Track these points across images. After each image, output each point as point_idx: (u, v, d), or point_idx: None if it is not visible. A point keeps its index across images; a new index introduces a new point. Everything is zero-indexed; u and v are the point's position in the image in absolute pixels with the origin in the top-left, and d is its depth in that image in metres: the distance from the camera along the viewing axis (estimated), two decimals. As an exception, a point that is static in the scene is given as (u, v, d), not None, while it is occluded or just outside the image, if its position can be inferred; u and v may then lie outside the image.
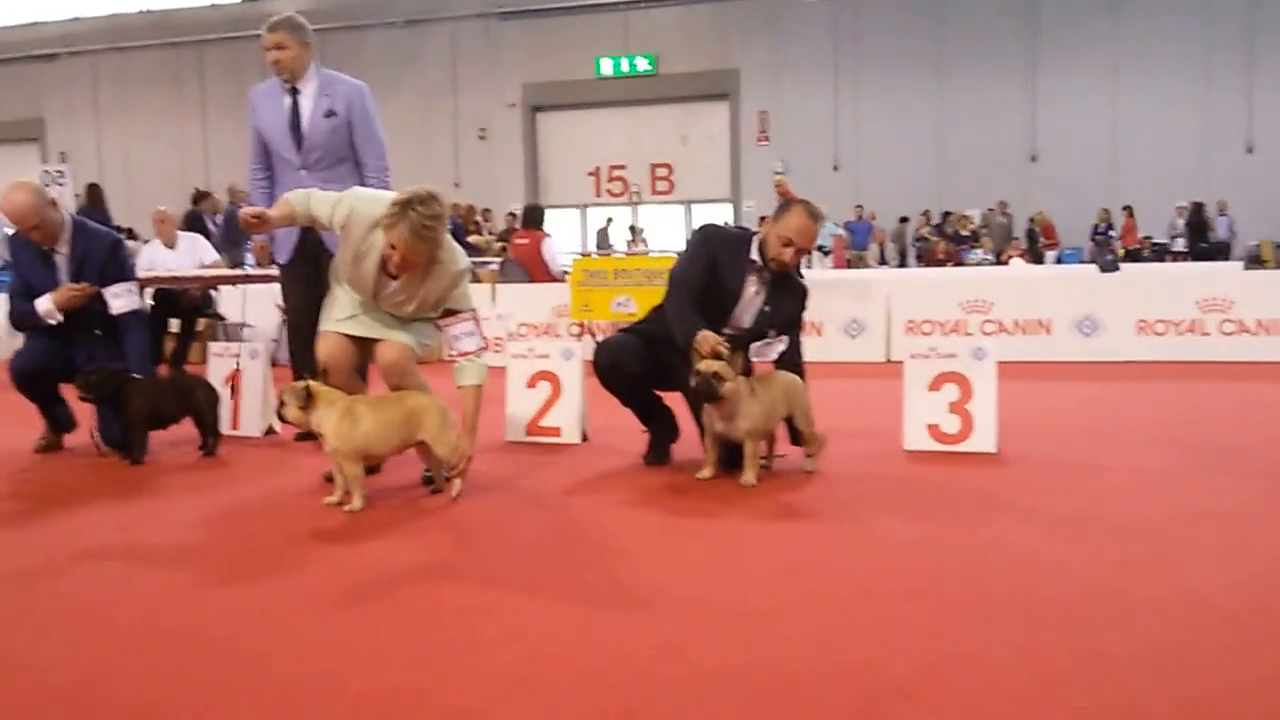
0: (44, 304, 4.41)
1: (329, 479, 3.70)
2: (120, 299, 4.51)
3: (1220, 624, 2.27)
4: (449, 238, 3.60)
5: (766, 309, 3.96)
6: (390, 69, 23.42)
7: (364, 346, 3.78)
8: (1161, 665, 2.05)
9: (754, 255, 3.94)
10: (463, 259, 3.69)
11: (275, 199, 4.48)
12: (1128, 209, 18.73)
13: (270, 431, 5.04)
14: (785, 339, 3.97)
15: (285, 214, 3.66)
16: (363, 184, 4.57)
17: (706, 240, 4.04)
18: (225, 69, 24.18)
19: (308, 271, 4.54)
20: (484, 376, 3.71)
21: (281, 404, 3.51)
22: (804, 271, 4.34)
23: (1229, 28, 19.22)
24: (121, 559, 2.98)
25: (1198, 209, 17.99)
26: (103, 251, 4.54)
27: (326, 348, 3.74)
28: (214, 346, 5.48)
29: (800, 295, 4.04)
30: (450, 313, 3.72)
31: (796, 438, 4.00)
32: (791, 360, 4.00)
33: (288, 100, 4.50)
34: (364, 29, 23.61)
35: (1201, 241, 17.67)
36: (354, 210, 3.56)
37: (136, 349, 4.52)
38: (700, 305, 3.87)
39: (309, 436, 4.72)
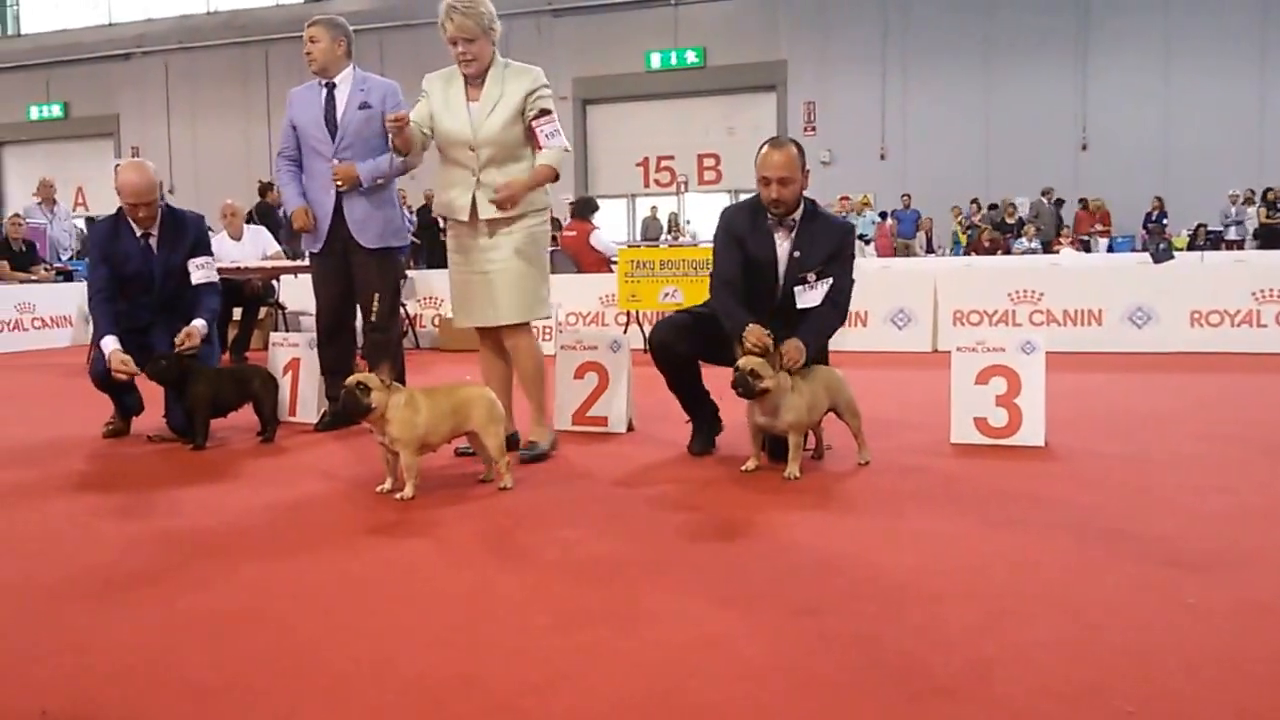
0: (108, 348, 4.45)
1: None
2: (201, 270, 4.73)
3: (1271, 630, 2.17)
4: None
5: (796, 254, 3.85)
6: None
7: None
8: (1213, 672, 1.97)
9: (769, 214, 3.87)
10: (535, 68, 4.08)
11: (302, 186, 4.80)
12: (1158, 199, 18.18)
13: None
14: (827, 280, 3.83)
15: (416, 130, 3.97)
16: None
17: (727, 225, 4.00)
18: (289, 66, 24.50)
19: (335, 264, 4.78)
20: (560, 160, 4.02)
21: (366, 390, 3.40)
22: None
23: (1284, 13, 18.56)
24: (182, 542, 3.02)
25: (1264, 194, 17.24)
26: (190, 231, 4.76)
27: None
28: (274, 336, 5.54)
29: (836, 233, 3.91)
30: (542, 113, 3.99)
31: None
32: (834, 301, 3.84)
33: (323, 94, 4.73)
34: (421, 27, 23.74)
35: (1271, 214, 16.87)
36: (426, 86, 4.13)
37: (209, 311, 4.67)
38: (749, 291, 3.84)
39: (329, 427, 4.81)
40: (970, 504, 3.30)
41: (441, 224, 5.73)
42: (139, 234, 4.62)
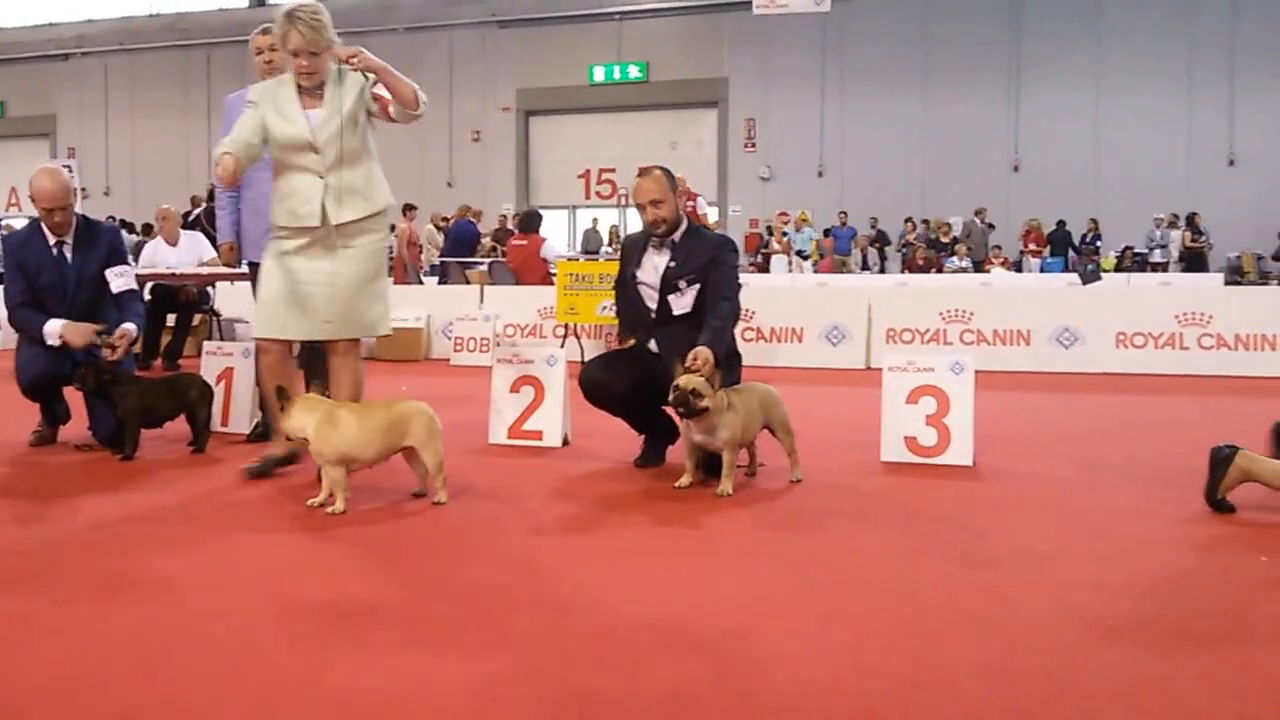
0: (53, 330, 4.37)
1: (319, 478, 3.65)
2: (121, 278, 4.64)
3: (1198, 651, 2.21)
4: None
5: (672, 265, 4.05)
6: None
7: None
8: (1136, 694, 1.99)
9: (654, 236, 4.12)
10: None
11: (238, 214, 4.75)
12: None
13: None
14: (695, 286, 4.02)
15: (235, 161, 3.63)
16: None
17: (621, 252, 4.39)
18: (232, 71, 24.03)
19: None
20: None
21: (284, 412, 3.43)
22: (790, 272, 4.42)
23: (1210, 42, 19.24)
24: (108, 555, 2.90)
25: (1189, 218, 17.82)
26: (105, 240, 4.66)
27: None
28: (207, 345, 5.40)
29: (712, 246, 4.11)
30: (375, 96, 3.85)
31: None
32: (724, 297, 3.95)
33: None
34: (366, 35, 23.51)
35: (1195, 238, 17.44)
36: (255, 98, 3.80)
37: (137, 316, 4.61)
38: (639, 306, 4.16)
39: (261, 438, 4.68)
40: (898, 524, 3.32)
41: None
42: (53, 243, 4.52)
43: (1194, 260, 17.14)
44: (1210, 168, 19.23)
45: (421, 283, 13.21)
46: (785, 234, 19.11)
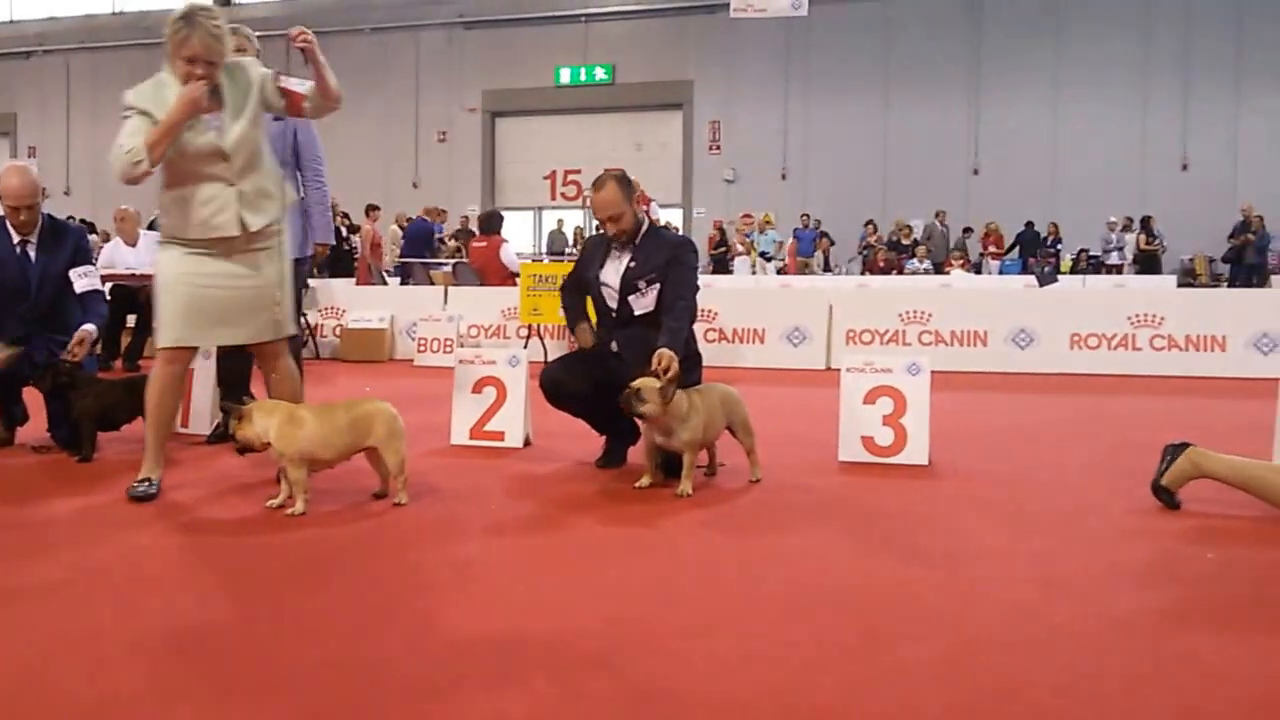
0: None
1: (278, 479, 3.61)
2: (85, 279, 4.58)
3: (1142, 645, 2.25)
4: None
5: (632, 265, 4.06)
6: (356, 74, 23.16)
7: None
8: (1081, 687, 2.02)
9: (614, 242, 4.14)
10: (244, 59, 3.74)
11: None
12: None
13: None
14: (655, 286, 4.02)
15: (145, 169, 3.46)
16: (302, 184, 4.66)
17: (580, 253, 4.47)
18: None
19: None
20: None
21: (237, 419, 3.38)
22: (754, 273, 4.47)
23: (1165, 50, 19.59)
24: (58, 554, 2.84)
25: (1144, 221, 18.14)
26: (70, 240, 4.60)
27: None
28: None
29: (671, 246, 4.12)
30: (277, 76, 3.71)
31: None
32: (681, 296, 3.96)
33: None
34: (332, 35, 23.30)
35: (1150, 240, 17.77)
36: (139, 103, 3.48)
37: (98, 317, 4.57)
38: (596, 306, 4.20)
39: (221, 439, 4.60)
40: (854, 523, 3.35)
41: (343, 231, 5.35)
42: (16, 241, 4.45)
43: (1148, 263, 17.44)
44: (1164, 172, 19.58)
45: (385, 283, 13.11)
46: (748, 235, 19.20)
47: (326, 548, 3.04)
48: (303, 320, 8.62)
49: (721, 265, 18.94)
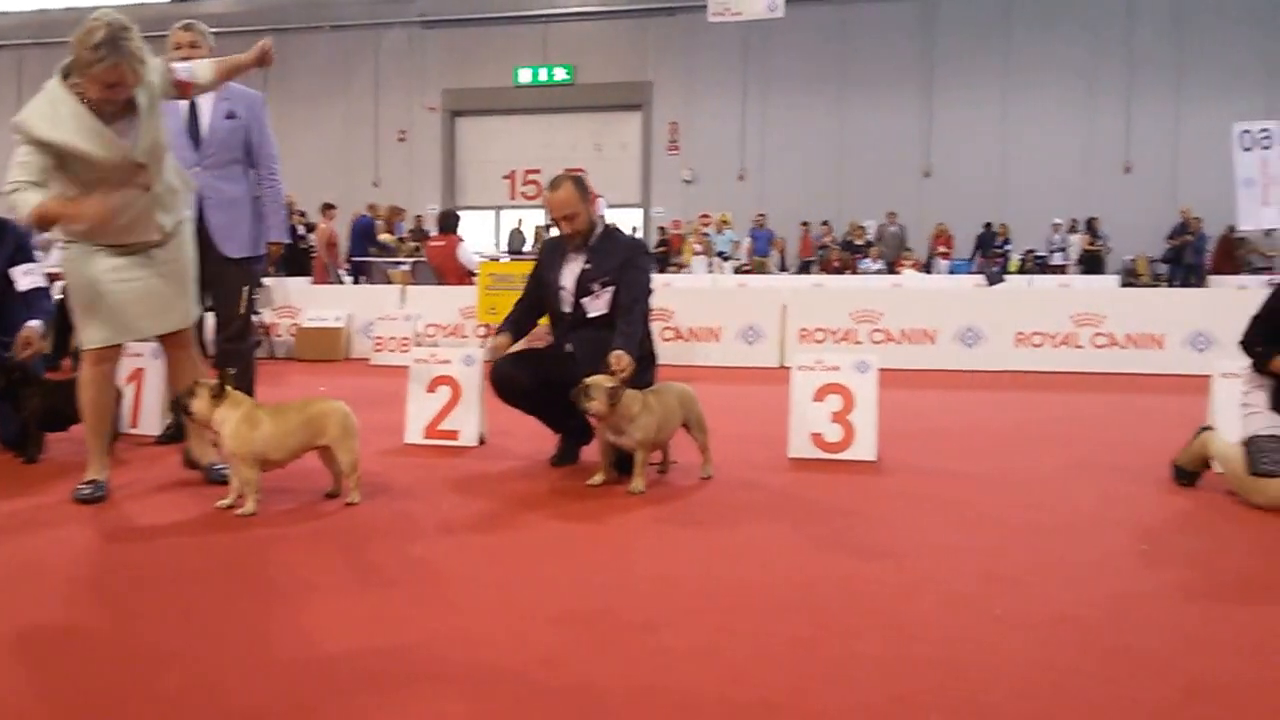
0: None
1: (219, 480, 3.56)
2: (28, 276, 4.48)
3: (1075, 637, 2.29)
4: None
5: (587, 267, 4.05)
6: (315, 72, 22.96)
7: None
8: (1015, 678, 2.05)
9: (569, 242, 4.14)
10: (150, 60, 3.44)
11: None
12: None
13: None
14: (610, 289, 4.02)
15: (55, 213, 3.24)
16: (258, 184, 4.57)
17: (539, 256, 4.40)
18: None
19: None
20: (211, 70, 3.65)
21: (191, 394, 3.34)
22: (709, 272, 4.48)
23: (1109, 59, 19.96)
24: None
25: (1088, 223, 18.51)
26: (10, 238, 4.50)
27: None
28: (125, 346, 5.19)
29: (625, 248, 4.13)
30: (170, 70, 3.52)
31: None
32: (635, 299, 3.98)
33: (183, 103, 4.34)
34: (291, 32, 23.01)
35: (1093, 241, 18.14)
36: (35, 131, 3.22)
37: (44, 313, 4.48)
38: (535, 306, 4.27)
39: (172, 439, 4.53)
40: (803, 518, 3.37)
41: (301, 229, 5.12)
42: None
43: (1092, 263, 17.77)
44: (1108, 175, 19.95)
45: (342, 282, 12.96)
46: (706, 234, 19.25)
47: (277, 548, 2.99)
48: (258, 319, 8.51)
49: (661, 263, 18.93)
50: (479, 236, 20.20)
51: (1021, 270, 17.80)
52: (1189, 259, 17.04)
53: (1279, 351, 3.54)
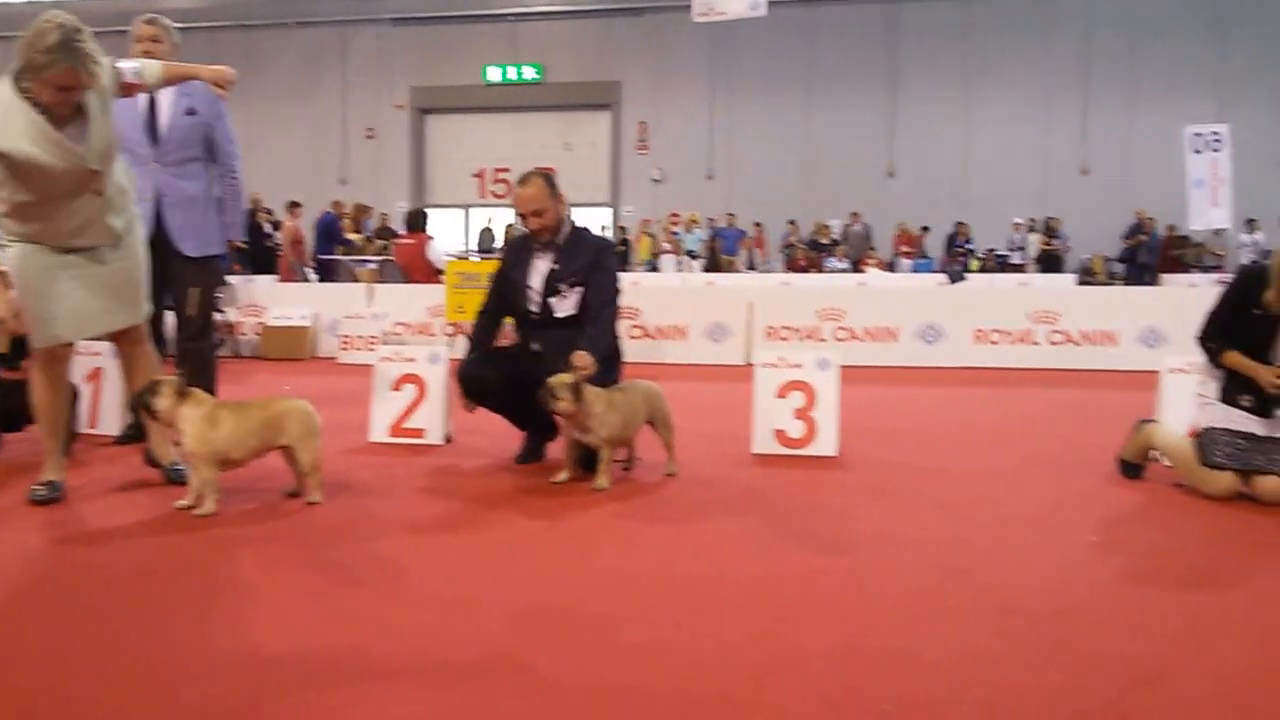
0: None
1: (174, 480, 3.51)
2: None
3: (1024, 628, 2.32)
4: None
5: (555, 268, 4.03)
6: (279, 67, 22.69)
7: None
8: (967, 668, 2.08)
9: (536, 240, 4.09)
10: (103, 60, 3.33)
11: None
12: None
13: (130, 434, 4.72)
14: (578, 289, 4.01)
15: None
16: (217, 181, 4.49)
17: (503, 255, 4.40)
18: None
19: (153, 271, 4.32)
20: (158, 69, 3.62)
21: (155, 393, 3.29)
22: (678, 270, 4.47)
23: (1067, 62, 20.25)
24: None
25: (1046, 223, 18.79)
26: None
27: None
28: (77, 344, 5.10)
29: (594, 248, 4.10)
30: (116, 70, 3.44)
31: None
32: (604, 302, 3.97)
33: (143, 97, 4.27)
34: (255, 28, 22.75)
35: (1052, 239, 18.42)
36: None
37: None
38: (501, 309, 4.22)
39: (131, 439, 4.47)
40: (764, 514, 3.38)
41: (268, 228, 5.10)
42: None
43: (1050, 262, 18.03)
44: (1065, 176, 20.24)
45: (308, 280, 12.83)
46: (675, 233, 19.29)
47: (237, 547, 2.96)
48: (220, 318, 8.40)
49: (621, 260, 18.93)
50: (448, 235, 20.10)
51: (983, 269, 18.00)
52: (1143, 258, 17.33)
53: (1230, 347, 3.61)
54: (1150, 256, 17.25)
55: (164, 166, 4.32)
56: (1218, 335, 3.66)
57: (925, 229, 19.52)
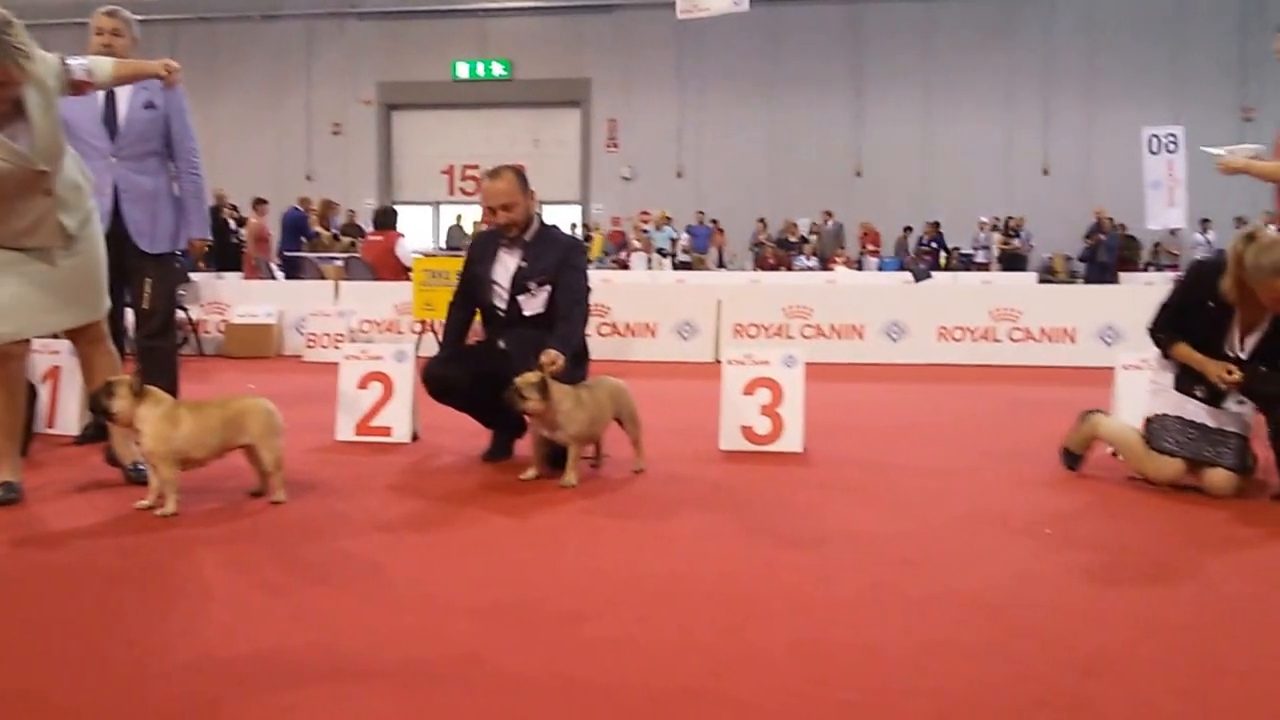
0: None
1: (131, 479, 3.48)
2: None
3: (983, 619, 2.36)
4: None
5: (523, 265, 4.02)
6: (244, 62, 22.43)
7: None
8: (926, 659, 2.12)
9: (503, 236, 4.07)
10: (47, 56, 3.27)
11: None
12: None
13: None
14: (546, 288, 3.99)
15: None
16: (176, 175, 4.42)
17: (469, 250, 4.37)
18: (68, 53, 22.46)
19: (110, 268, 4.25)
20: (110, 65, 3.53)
21: (111, 394, 3.24)
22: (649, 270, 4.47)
23: (1027, 64, 20.54)
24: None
25: (1005, 222, 19.08)
26: None
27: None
28: (34, 343, 5.01)
29: (563, 246, 4.09)
30: (65, 68, 3.36)
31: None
32: (575, 302, 3.96)
33: (100, 90, 4.20)
34: (218, 21, 22.45)
35: (1010, 238, 18.70)
36: None
37: None
38: (470, 305, 4.20)
39: (91, 439, 4.41)
40: (730, 509, 3.41)
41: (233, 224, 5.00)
42: None
43: (1012, 260, 18.31)
44: (1027, 176, 20.53)
45: (275, 277, 12.70)
46: (646, 231, 19.33)
47: (199, 548, 2.93)
48: (184, 316, 8.30)
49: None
50: (417, 232, 19.97)
51: (948, 268, 18.21)
52: (1102, 257, 17.62)
53: (1180, 339, 3.66)
54: (1109, 255, 17.54)
55: (122, 161, 4.24)
56: (1168, 327, 3.71)
57: (908, 229, 19.72)
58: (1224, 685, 2.02)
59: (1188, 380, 3.69)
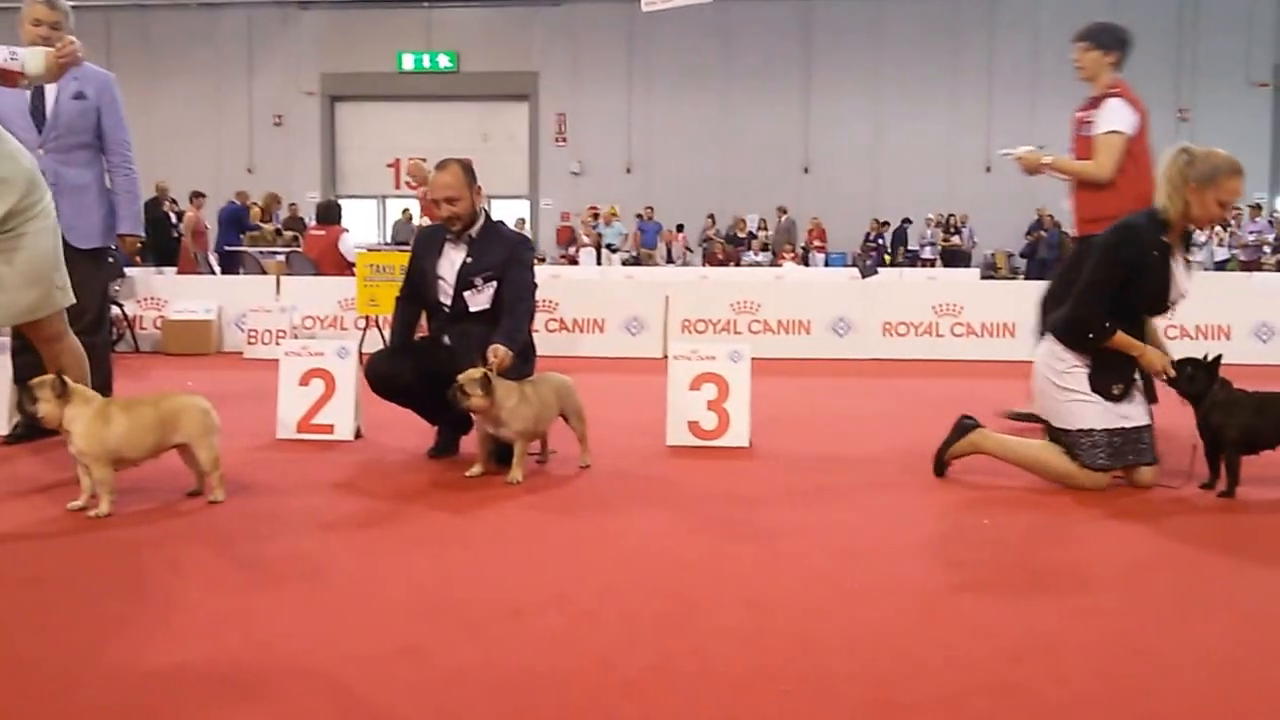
0: None
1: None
2: None
3: (918, 607, 2.43)
4: None
5: (468, 261, 4.01)
6: (181, 51, 21.95)
7: None
8: (863, 646, 2.17)
9: (449, 231, 4.05)
10: None
11: None
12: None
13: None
14: (492, 284, 3.99)
15: None
16: (108, 169, 4.34)
17: (414, 245, 4.37)
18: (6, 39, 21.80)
19: None
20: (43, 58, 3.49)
21: (33, 398, 3.16)
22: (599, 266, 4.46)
23: (971, 66, 20.97)
24: None
25: (946, 219, 19.50)
26: None
27: None
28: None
29: (509, 243, 4.09)
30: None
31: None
32: (519, 298, 3.97)
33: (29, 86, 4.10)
34: (154, 9, 21.93)
35: (951, 235, 19.11)
36: None
37: None
38: (426, 301, 4.14)
39: (20, 439, 4.31)
40: (676, 504, 3.45)
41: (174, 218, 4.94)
42: None
43: (955, 257, 18.70)
44: (970, 174, 20.94)
45: (214, 272, 12.46)
46: (595, 227, 19.35)
47: (135, 549, 2.89)
48: (118, 312, 8.11)
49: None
50: (362, 226, 19.72)
51: (894, 264, 18.51)
52: (1043, 254, 18.06)
53: (1119, 326, 3.49)
54: (1050, 252, 17.99)
55: (49, 153, 4.15)
56: (1112, 314, 3.49)
57: (884, 223, 19.98)
58: (1143, 668, 2.10)
59: (1105, 377, 3.54)
